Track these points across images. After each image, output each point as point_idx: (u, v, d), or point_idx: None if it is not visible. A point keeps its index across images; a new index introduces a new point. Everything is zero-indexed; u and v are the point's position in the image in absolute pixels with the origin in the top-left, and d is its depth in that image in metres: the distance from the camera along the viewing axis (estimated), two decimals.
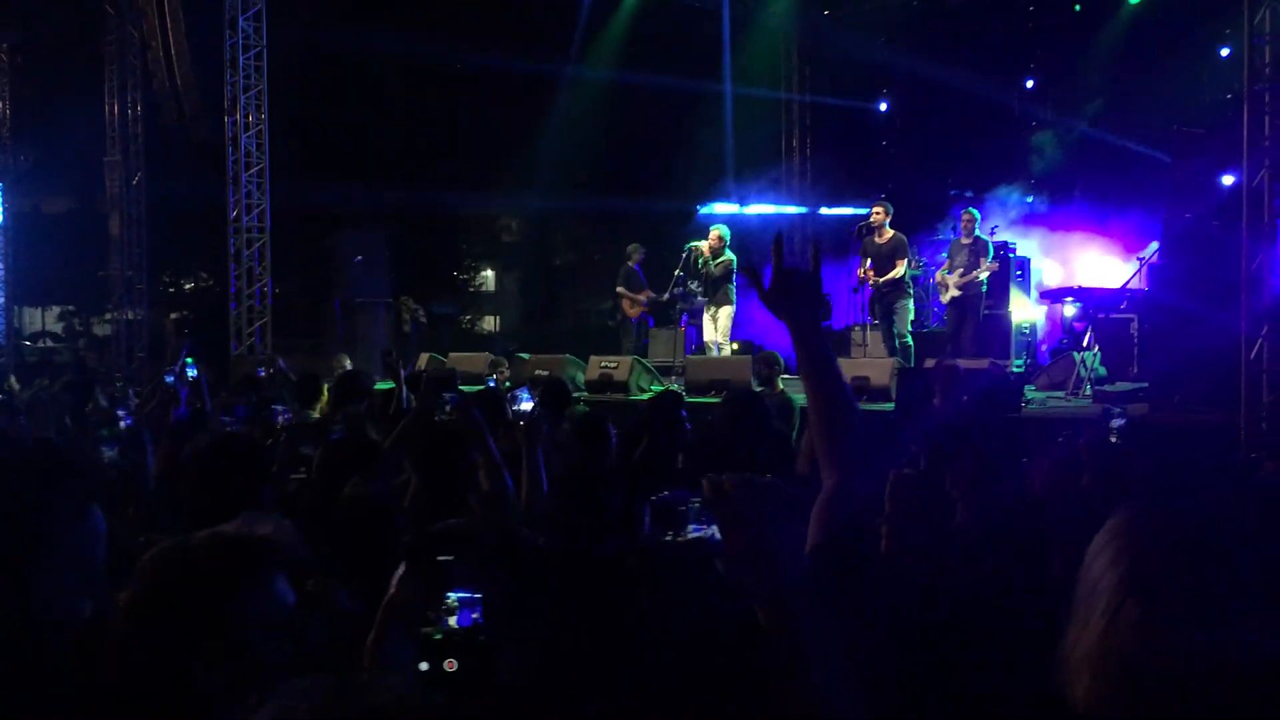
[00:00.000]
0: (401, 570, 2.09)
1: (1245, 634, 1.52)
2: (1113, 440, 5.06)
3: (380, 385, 7.79)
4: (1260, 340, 8.21)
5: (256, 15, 14.93)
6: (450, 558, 1.87)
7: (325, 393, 7.33)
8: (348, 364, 10.90)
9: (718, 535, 1.55)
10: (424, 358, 12.81)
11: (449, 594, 1.77)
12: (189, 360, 6.46)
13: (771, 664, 1.46)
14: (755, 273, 2.22)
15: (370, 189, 19.05)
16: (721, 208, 17.47)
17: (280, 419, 4.77)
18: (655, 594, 1.94)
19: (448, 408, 3.62)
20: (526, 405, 3.77)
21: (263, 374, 10.07)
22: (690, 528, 1.66)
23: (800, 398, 8.94)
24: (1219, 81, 14.71)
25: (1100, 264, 14.35)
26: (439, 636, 1.76)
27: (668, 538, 1.66)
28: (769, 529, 1.52)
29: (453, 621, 1.77)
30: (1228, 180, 10.22)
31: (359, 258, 15.25)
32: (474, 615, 1.76)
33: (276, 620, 1.75)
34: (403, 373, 5.91)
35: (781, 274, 2.12)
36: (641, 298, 13.57)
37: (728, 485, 1.54)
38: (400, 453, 3.65)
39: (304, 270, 19.78)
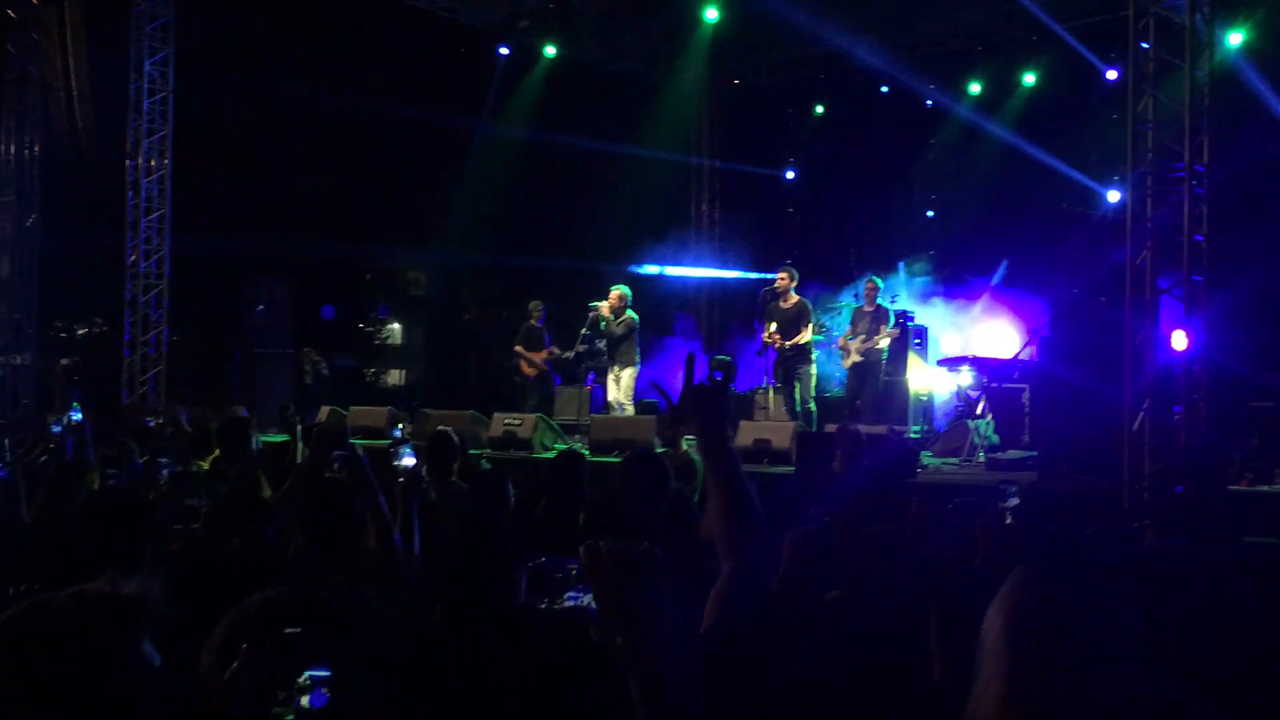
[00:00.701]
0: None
1: (1136, 687, 1.59)
2: (1008, 521, 5.14)
3: (276, 439, 7.65)
4: (1142, 414, 8.52)
5: (164, 60, 14.74)
6: (298, 630, 1.77)
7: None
8: (242, 414, 10.67)
9: (593, 604, 1.53)
10: (325, 411, 12.61)
11: (301, 671, 1.67)
12: (74, 406, 6.26)
13: None
14: (664, 390, 2.39)
15: (276, 238, 18.79)
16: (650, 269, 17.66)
17: (165, 472, 4.64)
18: (531, 660, 1.92)
19: (335, 464, 3.55)
20: (409, 461, 3.71)
21: (152, 424, 9.80)
22: (566, 595, 1.63)
23: None
24: (1106, 164, 15.37)
25: (996, 334, 14.78)
26: (291, 718, 1.67)
27: (543, 605, 1.62)
28: (645, 599, 1.51)
29: (305, 701, 1.67)
30: (1113, 258, 10.65)
31: (261, 307, 15.00)
32: (325, 694, 1.67)
33: (141, 682, 1.68)
34: (300, 427, 5.80)
35: (691, 391, 2.29)
36: (539, 357, 13.54)
37: (605, 554, 1.53)
38: (288, 508, 3.57)
39: (204, 319, 19.36)
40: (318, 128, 20.39)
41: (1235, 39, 13.34)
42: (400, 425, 11.65)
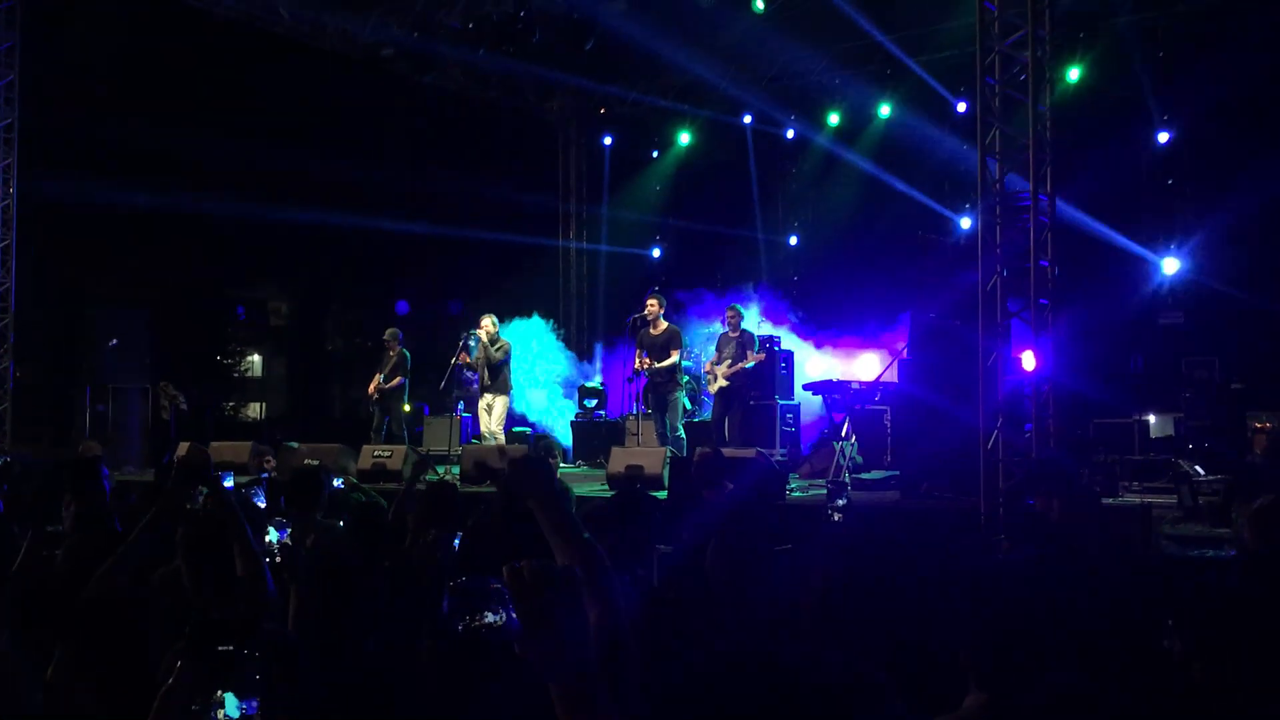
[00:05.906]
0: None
1: None
2: (835, 519, 5.43)
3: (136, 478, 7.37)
4: (995, 432, 8.87)
5: (9, 85, 14.15)
6: (230, 647, 1.87)
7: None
8: (97, 449, 10.26)
9: (514, 620, 1.64)
10: (184, 446, 12.19)
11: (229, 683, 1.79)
12: None
13: None
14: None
15: (129, 268, 18.18)
16: None
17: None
18: (453, 676, 1.97)
19: (200, 496, 3.47)
20: (261, 504, 3.78)
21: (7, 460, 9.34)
22: (487, 613, 1.77)
23: (577, 488, 9.02)
24: (958, 192, 16.02)
25: (859, 359, 15.20)
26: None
27: (464, 622, 1.75)
28: (563, 613, 1.63)
29: (234, 710, 1.78)
30: (966, 282, 11.08)
31: (114, 340, 14.44)
32: (254, 704, 1.78)
33: None
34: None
35: (517, 466, 2.40)
36: (371, 386, 13.53)
37: (526, 572, 1.65)
38: (150, 540, 3.46)
39: (51, 353, 18.55)
40: (168, 154, 19.79)
41: (1074, 74, 14.18)
42: (262, 460, 11.37)
